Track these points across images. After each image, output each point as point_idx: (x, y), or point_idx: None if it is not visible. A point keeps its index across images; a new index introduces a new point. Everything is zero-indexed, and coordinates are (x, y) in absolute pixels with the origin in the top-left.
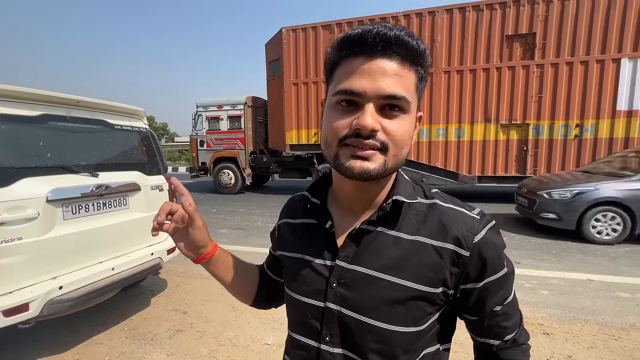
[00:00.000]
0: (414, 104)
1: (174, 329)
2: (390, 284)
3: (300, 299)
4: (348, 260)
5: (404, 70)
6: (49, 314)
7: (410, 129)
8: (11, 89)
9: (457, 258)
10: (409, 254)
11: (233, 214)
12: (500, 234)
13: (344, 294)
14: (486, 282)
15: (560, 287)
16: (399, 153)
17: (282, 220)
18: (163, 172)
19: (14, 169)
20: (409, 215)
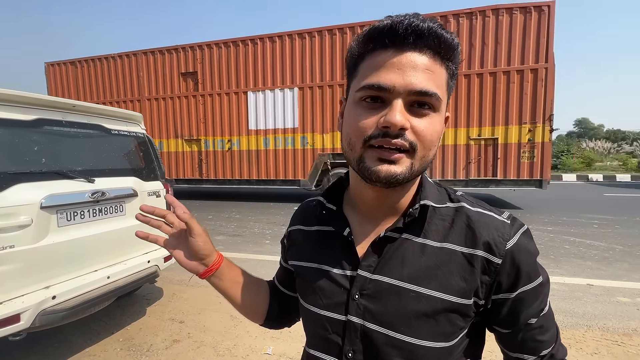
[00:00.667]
0: (444, 103)
1: (170, 339)
2: (418, 295)
3: (319, 313)
4: (371, 269)
5: (436, 65)
6: (41, 325)
7: (440, 129)
8: (6, 93)
9: (488, 265)
10: (438, 263)
11: (229, 220)
12: (533, 240)
13: (368, 306)
14: (520, 291)
15: (560, 292)
16: (427, 155)
17: (294, 227)
18: (160, 178)
19: (7, 174)
20: (435, 221)
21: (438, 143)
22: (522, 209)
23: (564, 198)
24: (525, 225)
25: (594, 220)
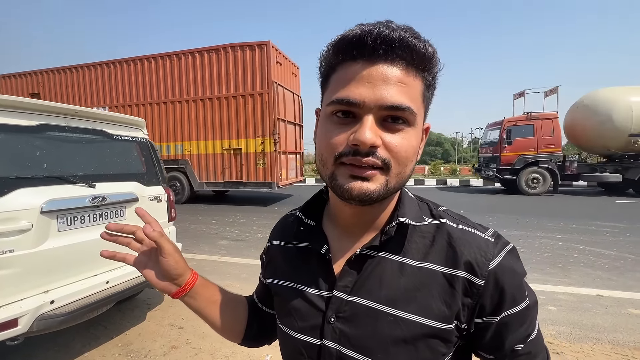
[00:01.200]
0: (420, 116)
1: (169, 345)
2: (396, 319)
3: (293, 336)
4: (347, 290)
5: (409, 77)
6: (39, 330)
7: (416, 144)
8: (10, 99)
9: (469, 287)
10: (417, 284)
11: (233, 224)
12: (520, 259)
13: (344, 330)
14: (505, 315)
15: (568, 302)
16: (403, 171)
17: (272, 242)
18: (162, 183)
19: (8, 179)
20: (415, 238)
21: (416, 157)
22: (530, 216)
23: (575, 205)
24: (510, 244)
25: (605, 228)
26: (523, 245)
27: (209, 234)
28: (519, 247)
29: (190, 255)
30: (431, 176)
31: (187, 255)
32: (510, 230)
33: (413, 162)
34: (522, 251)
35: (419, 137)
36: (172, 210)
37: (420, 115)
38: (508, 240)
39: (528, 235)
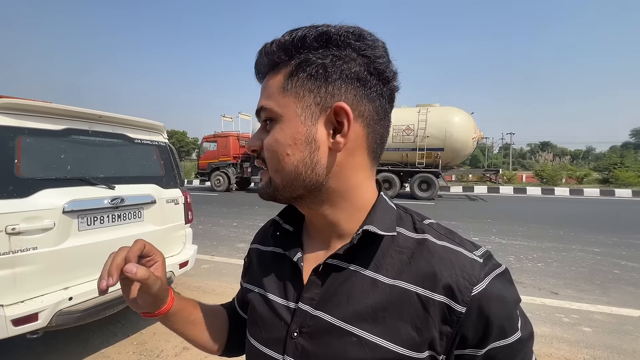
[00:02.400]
0: (291, 105)
1: (181, 345)
2: (360, 340)
3: (257, 347)
4: (313, 304)
5: (270, 79)
6: (57, 325)
7: (285, 135)
8: (39, 105)
9: (449, 314)
10: (387, 303)
11: (253, 228)
12: (514, 285)
13: (306, 347)
14: (491, 348)
15: (606, 324)
16: (279, 166)
17: (253, 245)
18: (180, 186)
19: (34, 180)
20: (391, 253)
21: (296, 149)
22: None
23: (616, 216)
24: (502, 266)
25: None
26: (556, 259)
27: (228, 237)
28: (551, 260)
29: (209, 257)
30: (458, 183)
31: (206, 257)
32: (541, 241)
33: (294, 155)
34: (554, 265)
35: (295, 126)
36: (189, 213)
37: (285, 105)
38: (500, 262)
39: (562, 247)
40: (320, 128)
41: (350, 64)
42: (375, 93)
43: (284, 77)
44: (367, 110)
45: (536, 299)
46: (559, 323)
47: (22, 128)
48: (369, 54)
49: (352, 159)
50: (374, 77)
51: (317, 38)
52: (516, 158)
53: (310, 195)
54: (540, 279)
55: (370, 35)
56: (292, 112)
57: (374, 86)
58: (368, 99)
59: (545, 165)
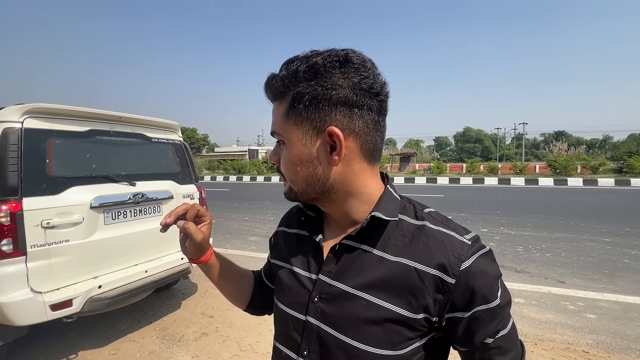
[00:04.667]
0: (294, 131)
1: (200, 331)
2: (368, 303)
3: (284, 310)
4: (331, 275)
5: (278, 106)
6: (88, 311)
7: (293, 156)
8: (65, 108)
9: (442, 285)
10: (391, 276)
11: (264, 222)
12: (495, 262)
13: (324, 309)
14: (475, 311)
15: (611, 311)
16: (294, 179)
17: (279, 228)
18: (195, 182)
19: (64, 178)
20: (395, 236)
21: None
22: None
23: (630, 206)
24: (486, 247)
25: None
26: (565, 249)
27: (240, 231)
28: (560, 250)
29: (223, 250)
30: (468, 175)
31: (219, 250)
32: (551, 232)
33: (302, 171)
34: (562, 255)
35: (298, 149)
36: (204, 207)
37: (289, 131)
38: (484, 245)
39: (571, 238)
40: (319, 148)
41: (337, 90)
42: (365, 109)
43: (285, 107)
44: (357, 126)
45: (542, 287)
46: (564, 310)
47: (52, 130)
48: (353, 77)
49: (350, 167)
50: (361, 95)
51: (307, 71)
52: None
53: (322, 197)
54: (547, 269)
55: (357, 57)
56: (295, 137)
57: (363, 103)
58: (358, 116)
59: (559, 155)
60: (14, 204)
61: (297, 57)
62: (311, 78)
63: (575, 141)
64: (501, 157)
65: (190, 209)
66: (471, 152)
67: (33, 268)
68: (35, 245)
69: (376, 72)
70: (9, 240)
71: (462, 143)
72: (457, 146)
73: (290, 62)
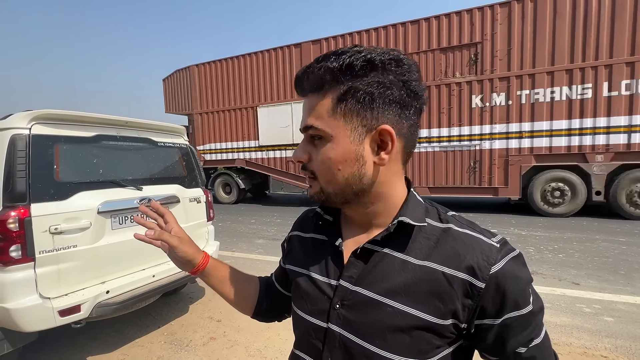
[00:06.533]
0: (341, 127)
1: (208, 336)
2: (394, 310)
3: (304, 317)
4: (352, 281)
5: (318, 100)
6: (97, 316)
7: (336, 154)
8: (72, 114)
9: (470, 289)
10: (417, 280)
11: (270, 224)
12: (526, 266)
13: (347, 316)
14: (506, 318)
15: (629, 314)
16: (331, 179)
17: (293, 232)
18: (201, 185)
19: (72, 184)
20: (419, 239)
21: (347, 165)
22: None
23: None
24: (516, 250)
25: None
26: (578, 250)
27: (247, 233)
28: (573, 251)
29: (230, 253)
30: None
31: (227, 253)
32: (563, 232)
33: (345, 170)
34: (575, 256)
35: (344, 147)
36: (210, 211)
37: (335, 127)
38: (514, 247)
39: (584, 238)
40: (367, 147)
41: (392, 90)
42: (412, 111)
43: (333, 101)
44: (405, 127)
45: (556, 289)
46: (579, 313)
47: (59, 136)
48: (406, 78)
49: (391, 169)
50: (410, 97)
51: (363, 66)
52: None
53: (356, 198)
54: (561, 270)
55: (406, 59)
56: (342, 133)
57: (412, 105)
58: (406, 117)
59: None
60: (22, 210)
61: (346, 51)
62: (367, 73)
63: None
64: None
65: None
66: None
67: (41, 274)
68: (44, 251)
69: (420, 74)
70: (17, 246)
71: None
72: None
73: (340, 54)
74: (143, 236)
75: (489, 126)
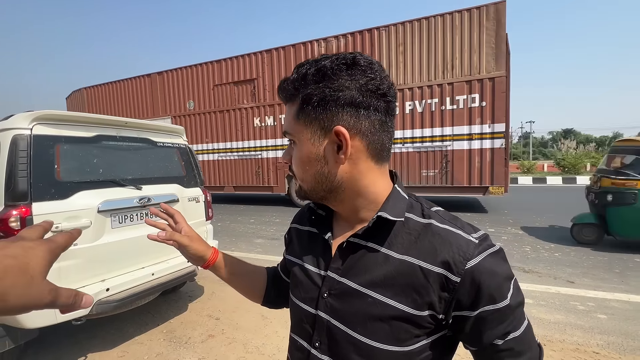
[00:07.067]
0: (299, 131)
1: (206, 334)
2: (374, 300)
3: (297, 304)
4: (339, 272)
5: (289, 108)
6: (97, 314)
7: (301, 155)
8: (72, 114)
9: (446, 283)
10: (396, 273)
11: (269, 224)
12: (506, 262)
13: (334, 305)
14: (481, 311)
15: (623, 311)
16: (303, 177)
17: (292, 225)
18: (200, 185)
19: (72, 183)
20: (401, 234)
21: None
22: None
23: None
24: (496, 246)
25: None
26: (574, 248)
27: (246, 233)
28: (569, 249)
29: (229, 252)
30: None
31: (226, 252)
32: (559, 231)
33: (310, 169)
34: (571, 255)
35: (307, 149)
36: (209, 210)
37: (299, 131)
38: (494, 243)
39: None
40: (327, 147)
41: (344, 92)
42: (372, 109)
43: (296, 108)
44: (364, 126)
45: (551, 287)
46: (573, 311)
47: (60, 136)
48: (360, 78)
49: (357, 167)
50: (368, 96)
51: (315, 74)
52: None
53: (330, 196)
54: (556, 269)
55: (364, 59)
56: (304, 137)
57: (370, 104)
58: (364, 116)
59: (567, 153)
60: (24, 208)
61: (307, 61)
62: (319, 80)
63: (584, 139)
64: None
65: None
66: None
67: None
68: None
69: (383, 74)
70: None
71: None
72: None
73: (301, 66)
74: (156, 236)
75: (265, 140)
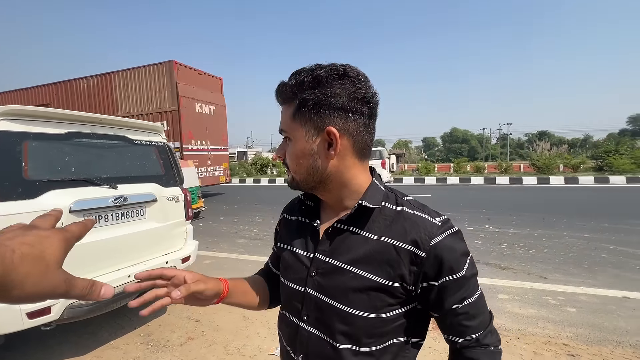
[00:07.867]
0: (295, 129)
1: (185, 336)
2: (355, 275)
3: (288, 284)
4: (325, 253)
5: (286, 109)
6: (68, 318)
7: (296, 150)
8: (41, 110)
9: (415, 258)
10: (374, 252)
11: (252, 224)
12: (463, 241)
13: (320, 282)
14: (443, 281)
15: (590, 304)
16: (297, 170)
17: (282, 215)
18: (179, 184)
19: (41, 182)
20: (378, 219)
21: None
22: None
23: (609, 202)
24: (455, 228)
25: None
26: (547, 246)
27: (228, 233)
28: (542, 246)
29: (210, 253)
30: (455, 174)
31: (207, 253)
32: (534, 229)
33: (304, 163)
34: (544, 252)
35: (302, 146)
36: (189, 210)
37: (295, 129)
38: (454, 226)
39: (553, 234)
40: (319, 144)
41: (335, 98)
42: (358, 114)
43: (293, 110)
44: (351, 127)
45: (525, 283)
46: (545, 305)
47: (28, 133)
48: (349, 87)
49: (344, 162)
50: (355, 102)
51: (312, 81)
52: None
53: (320, 186)
54: (530, 265)
55: (353, 71)
56: (299, 135)
57: (356, 109)
58: (352, 119)
59: (542, 154)
60: None
61: (304, 69)
62: (315, 87)
63: (557, 141)
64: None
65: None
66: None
67: None
68: None
69: (368, 84)
70: None
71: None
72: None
73: (298, 73)
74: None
75: None
